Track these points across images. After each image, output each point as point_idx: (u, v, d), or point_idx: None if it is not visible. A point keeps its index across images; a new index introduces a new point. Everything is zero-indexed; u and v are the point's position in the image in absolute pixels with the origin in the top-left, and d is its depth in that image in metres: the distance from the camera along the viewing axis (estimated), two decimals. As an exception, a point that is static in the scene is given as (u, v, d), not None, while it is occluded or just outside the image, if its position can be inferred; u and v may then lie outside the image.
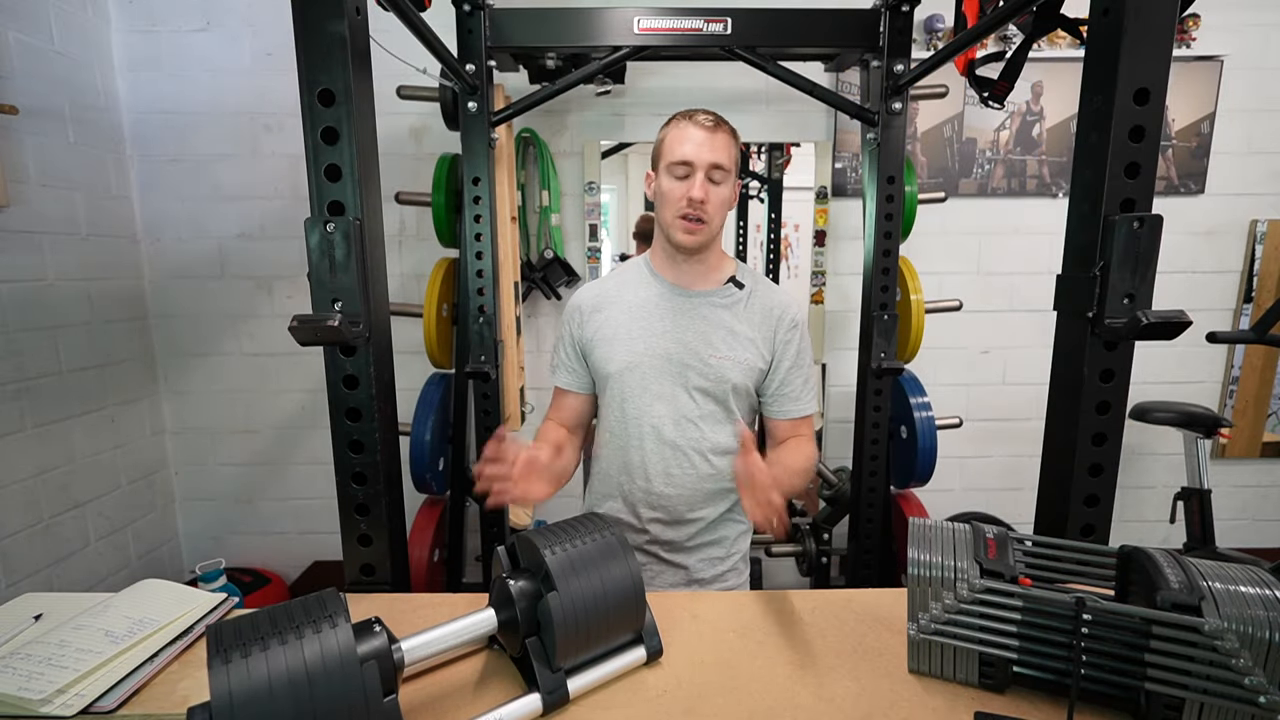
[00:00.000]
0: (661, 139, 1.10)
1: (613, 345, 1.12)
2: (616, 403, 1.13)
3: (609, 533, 0.77)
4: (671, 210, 1.07)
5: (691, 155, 1.04)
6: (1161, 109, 0.84)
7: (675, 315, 1.11)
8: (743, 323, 1.12)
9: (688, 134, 1.05)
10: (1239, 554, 2.00)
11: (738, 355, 1.10)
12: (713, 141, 1.05)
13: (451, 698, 0.72)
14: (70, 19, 1.99)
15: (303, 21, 0.87)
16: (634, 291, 1.15)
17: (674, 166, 1.05)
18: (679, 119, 1.08)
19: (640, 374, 1.10)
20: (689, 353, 1.09)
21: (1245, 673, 0.58)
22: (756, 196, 2.56)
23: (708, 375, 1.09)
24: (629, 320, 1.12)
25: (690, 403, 1.11)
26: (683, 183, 1.05)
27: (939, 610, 0.70)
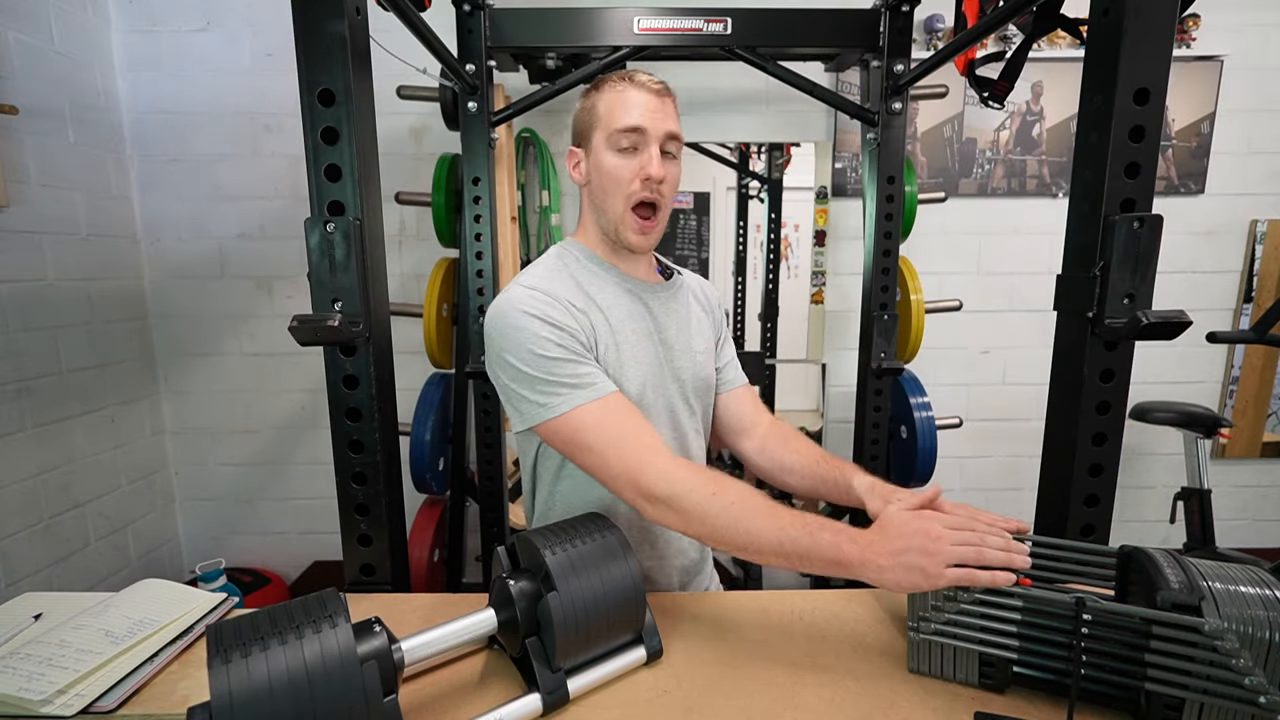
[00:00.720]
0: (592, 105, 0.88)
1: (620, 359, 0.88)
2: None
3: (609, 533, 0.77)
4: (621, 195, 0.86)
5: (644, 121, 0.84)
6: (1161, 109, 0.84)
7: (654, 314, 0.94)
8: (695, 309, 1.02)
9: (633, 97, 0.85)
10: (1239, 554, 2.00)
11: (707, 345, 1.01)
12: (664, 109, 0.86)
13: (451, 698, 0.72)
14: (70, 19, 1.99)
15: (303, 21, 0.87)
16: (599, 287, 0.91)
17: (619, 135, 0.85)
18: (615, 80, 0.87)
19: (652, 390, 0.91)
20: (679, 354, 0.95)
21: (1245, 673, 0.58)
22: (756, 196, 2.56)
23: (698, 375, 0.98)
24: (619, 325, 0.90)
25: (687, 413, 0.97)
26: (632, 157, 0.86)
27: (939, 610, 0.70)
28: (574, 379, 0.81)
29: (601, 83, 0.89)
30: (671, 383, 0.95)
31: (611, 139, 0.86)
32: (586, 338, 0.85)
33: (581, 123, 0.91)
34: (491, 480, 2.02)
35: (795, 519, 0.73)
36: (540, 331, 0.81)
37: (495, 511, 2.04)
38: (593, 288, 0.91)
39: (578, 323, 0.85)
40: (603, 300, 0.90)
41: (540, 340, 0.81)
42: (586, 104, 0.90)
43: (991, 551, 0.68)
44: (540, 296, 0.84)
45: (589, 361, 0.84)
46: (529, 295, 0.84)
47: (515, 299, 0.84)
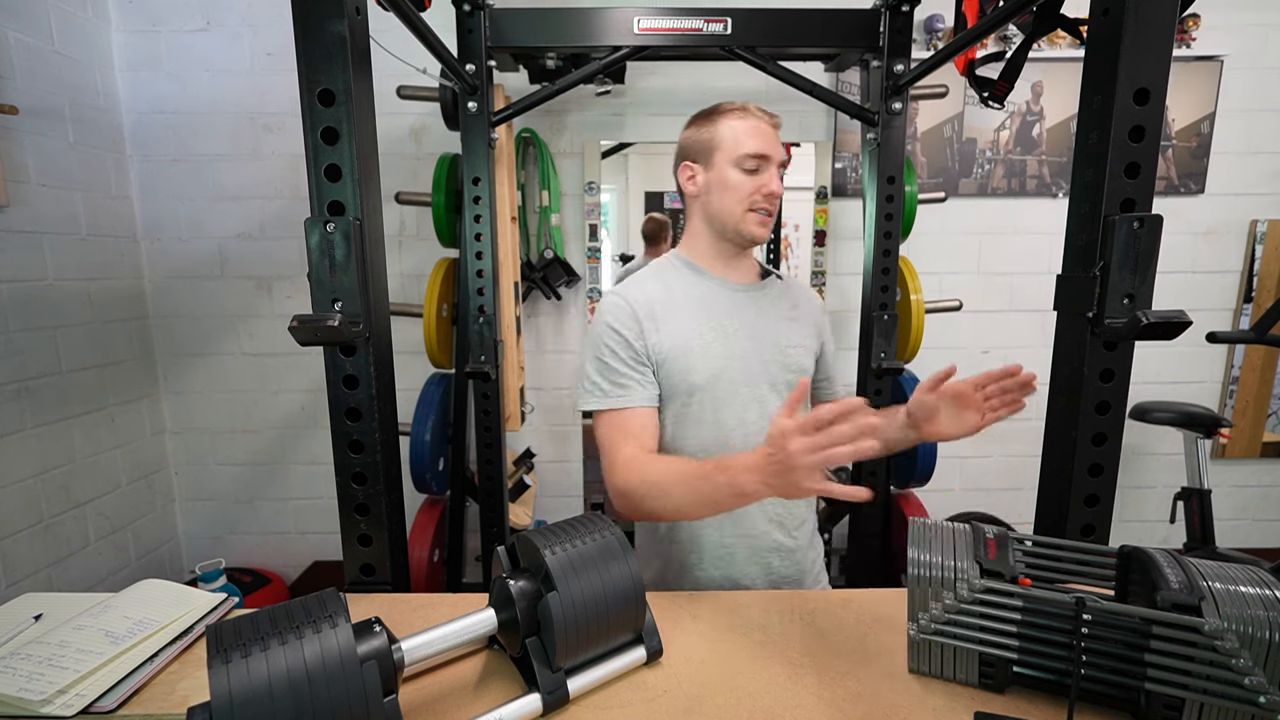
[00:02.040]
0: (714, 131, 1.02)
1: (690, 352, 1.00)
2: (708, 415, 1.02)
3: (609, 533, 0.77)
4: (741, 203, 1.01)
5: (767, 149, 1.00)
6: (1161, 109, 0.84)
7: (741, 311, 1.05)
8: (796, 311, 1.11)
9: (758, 127, 1.01)
10: (1239, 554, 2.00)
11: (805, 342, 1.09)
12: (778, 137, 1.03)
13: (451, 698, 0.72)
14: (70, 19, 1.99)
15: (303, 21, 0.87)
16: (685, 291, 1.05)
17: (746, 159, 1.00)
18: (737, 111, 1.02)
19: (729, 380, 1.02)
20: (768, 348, 1.04)
21: (1245, 673, 0.58)
22: (756, 196, 2.56)
23: (790, 368, 1.05)
24: (696, 323, 1.02)
25: (779, 401, 1.04)
26: (755, 176, 1.01)
27: (939, 610, 0.70)
28: (613, 385, 0.99)
29: (721, 112, 1.03)
30: (759, 373, 1.03)
31: (738, 160, 1.00)
32: (646, 343, 1.00)
33: (699, 143, 1.04)
34: (491, 480, 2.02)
35: (699, 474, 0.85)
36: (606, 339, 1.00)
37: (495, 511, 2.04)
38: (679, 290, 1.05)
39: (642, 328, 1.00)
40: (684, 301, 1.04)
41: (604, 347, 1.00)
42: (705, 131, 1.03)
43: (840, 450, 0.71)
44: (621, 305, 1.02)
45: (636, 370, 1.00)
46: (614, 302, 1.03)
47: (605, 306, 1.04)
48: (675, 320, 1.02)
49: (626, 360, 1.00)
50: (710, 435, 1.02)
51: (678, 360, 1.00)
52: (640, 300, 1.02)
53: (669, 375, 1.01)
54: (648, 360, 1.01)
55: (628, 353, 1.00)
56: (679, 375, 1.00)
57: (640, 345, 1.00)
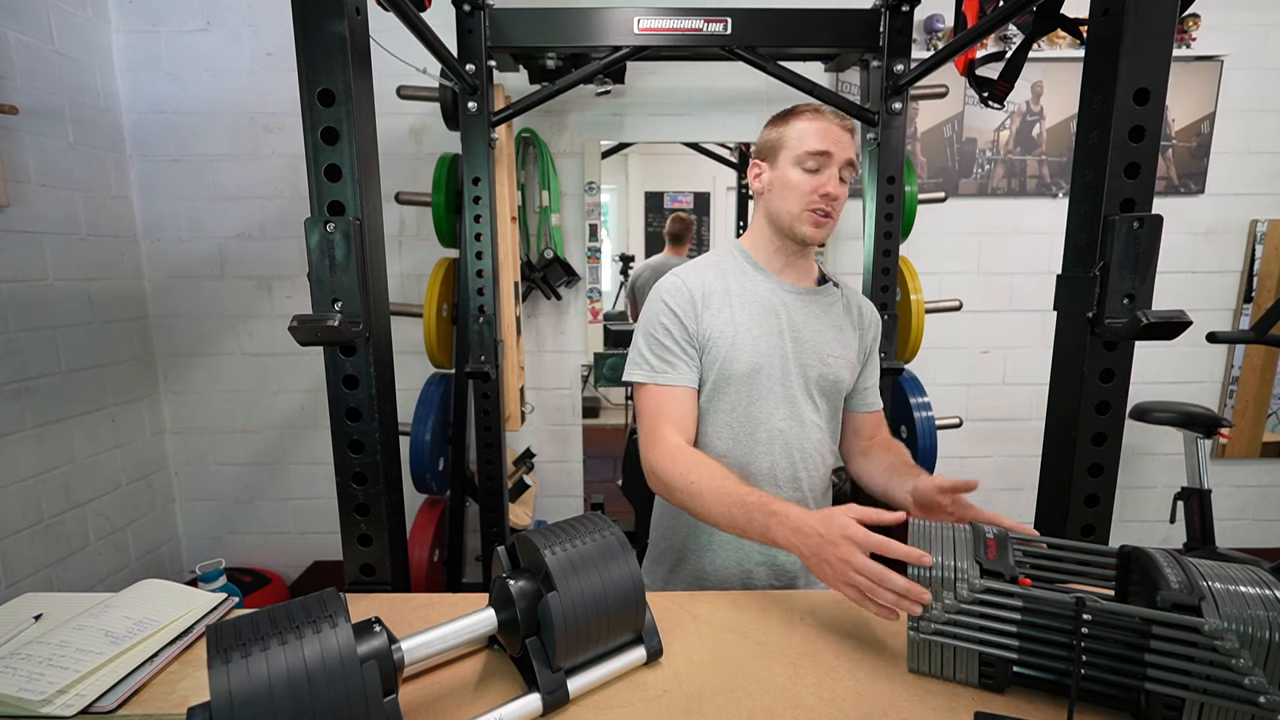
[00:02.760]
0: (783, 130, 1.03)
1: (735, 343, 1.02)
2: (741, 407, 1.04)
3: (609, 533, 0.77)
4: (799, 202, 1.01)
5: (830, 147, 0.99)
6: (1161, 109, 0.84)
7: (790, 313, 1.06)
8: (844, 322, 1.11)
9: (825, 127, 1.00)
10: (1239, 554, 2.00)
11: (847, 355, 1.09)
12: (847, 141, 1.01)
13: (451, 698, 0.72)
14: (70, 19, 1.99)
15: (303, 21, 0.87)
16: (741, 284, 1.07)
17: (808, 157, 0.99)
18: (809, 112, 1.02)
19: (766, 376, 1.03)
20: (809, 353, 1.05)
21: (1245, 673, 0.58)
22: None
23: (826, 376, 1.06)
24: (746, 316, 1.04)
25: (810, 405, 1.07)
26: (815, 175, 1.00)
27: (939, 610, 0.70)
28: (660, 361, 1.03)
29: (797, 113, 1.02)
30: (796, 375, 1.05)
31: (799, 159, 1.00)
32: (699, 326, 1.03)
33: (769, 142, 1.05)
34: (491, 480, 2.02)
35: (740, 502, 0.87)
36: (661, 317, 1.04)
37: (495, 511, 2.04)
38: (734, 282, 1.07)
39: (697, 312, 1.03)
40: (738, 293, 1.06)
41: (658, 324, 1.04)
42: (777, 130, 1.04)
43: (883, 593, 0.72)
44: (680, 286, 1.05)
45: (684, 351, 1.03)
46: (674, 283, 1.06)
47: (665, 285, 1.06)
48: (727, 310, 1.04)
49: (677, 338, 1.03)
50: (740, 426, 1.04)
51: (722, 348, 1.02)
52: (697, 285, 1.05)
53: (712, 361, 1.03)
54: (695, 343, 1.04)
55: (680, 332, 1.03)
56: (721, 362, 1.02)
57: (692, 327, 1.03)
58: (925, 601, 0.70)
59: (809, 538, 0.79)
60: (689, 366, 1.03)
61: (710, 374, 1.04)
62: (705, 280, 1.06)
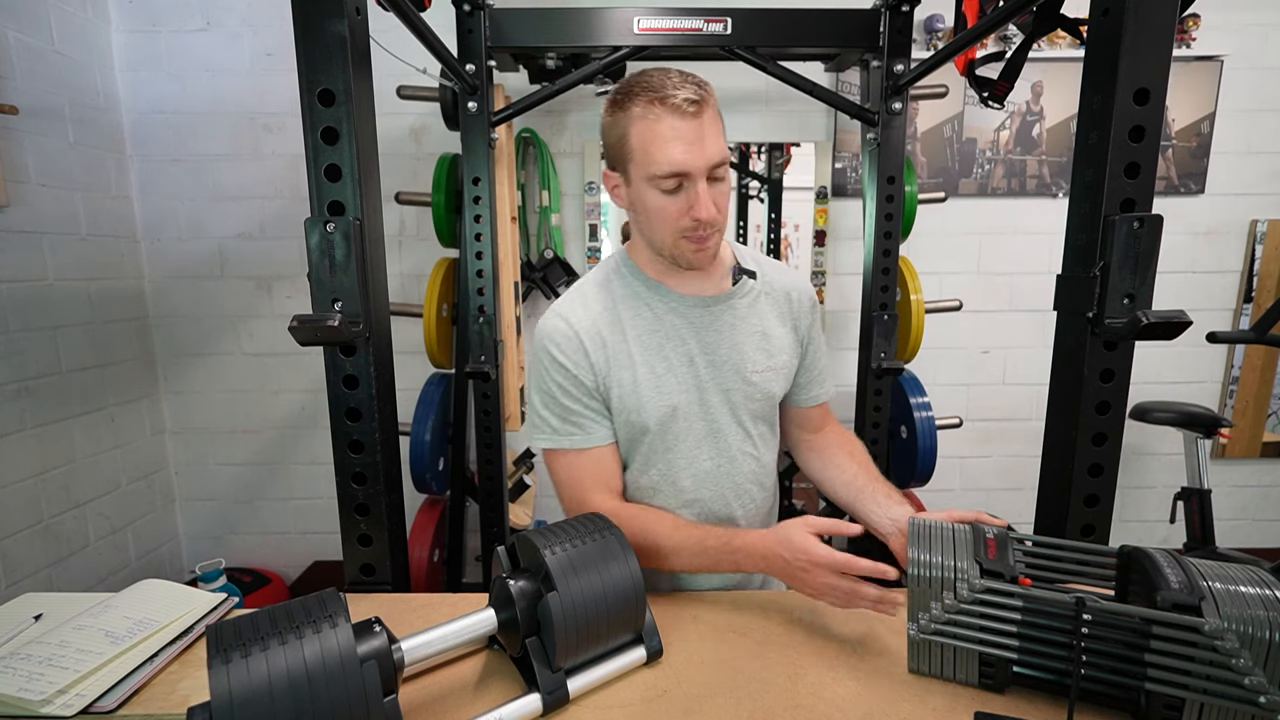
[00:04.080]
0: (623, 133, 0.81)
1: (638, 392, 0.88)
2: (657, 456, 0.92)
3: (609, 533, 0.77)
4: (669, 231, 0.83)
5: (685, 162, 0.78)
6: (1161, 109, 0.84)
7: (698, 333, 0.91)
8: (770, 320, 0.95)
9: (668, 129, 0.77)
10: (1239, 554, 2.00)
11: (777, 363, 0.94)
12: (703, 132, 0.78)
13: (451, 698, 0.72)
14: (70, 19, 1.99)
15: (303, 21, 0.87)
16: (633, 309, 0.91)
17: (661, 180, 0.80)
18: (647, 102, 0.78)
19: (683, 418, 0.90)
20: (728, 375, 0.91)
21: (1245, 673, 0.58)
22: (756, 196, 2.56)
23: (753, 396, 0.93)
24: (645, 353, 0.89)
25: (739, 434, 0.94)
26: (679, 196, 0.81)
27: (939, 610, 0.70)
28: (564, 422, 0.90)
29: (630, 99, 0.80)
30: (718, 405, 0.92)
31: (653, 181, 0.81)
32: (597, 377, 0.89)
33: (613, 147, 0.84)
34: (491, 480, 2.02)
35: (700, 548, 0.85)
36: (552, 373, 0.90)
37: (495, 511, 2.04)
38: (628, 313, 0.91)
39: (591, 361, 0.89)
40: (634, 329, 0.90)
41: (551, 382, 0.90)
42: (616, 128, 0.82)
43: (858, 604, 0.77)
44: (564, 332, 0.89)
45: (587, 406, 0.90)
46: (557, 327, 0.90)
47: (548, 330, 0.90)
48: (623, 351, 0.89)
49: (575, 394, 0.89)
50: (660, 477, 0.93)
51: (626, 398, 0.89)
52: (587, 326, 0.89)
53: (616, 414, 0.91)
54: (599, 395, 0.90)
55: (576, 387, 0.89)
56: (627, 415, 0.90)
57: (589, 378, 0.89)
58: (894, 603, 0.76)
59: (775, 563, 0.81)
60: (597, 421, 0.90)
61: (618, 428, 0.91)
62: (593, 314, 0.90)
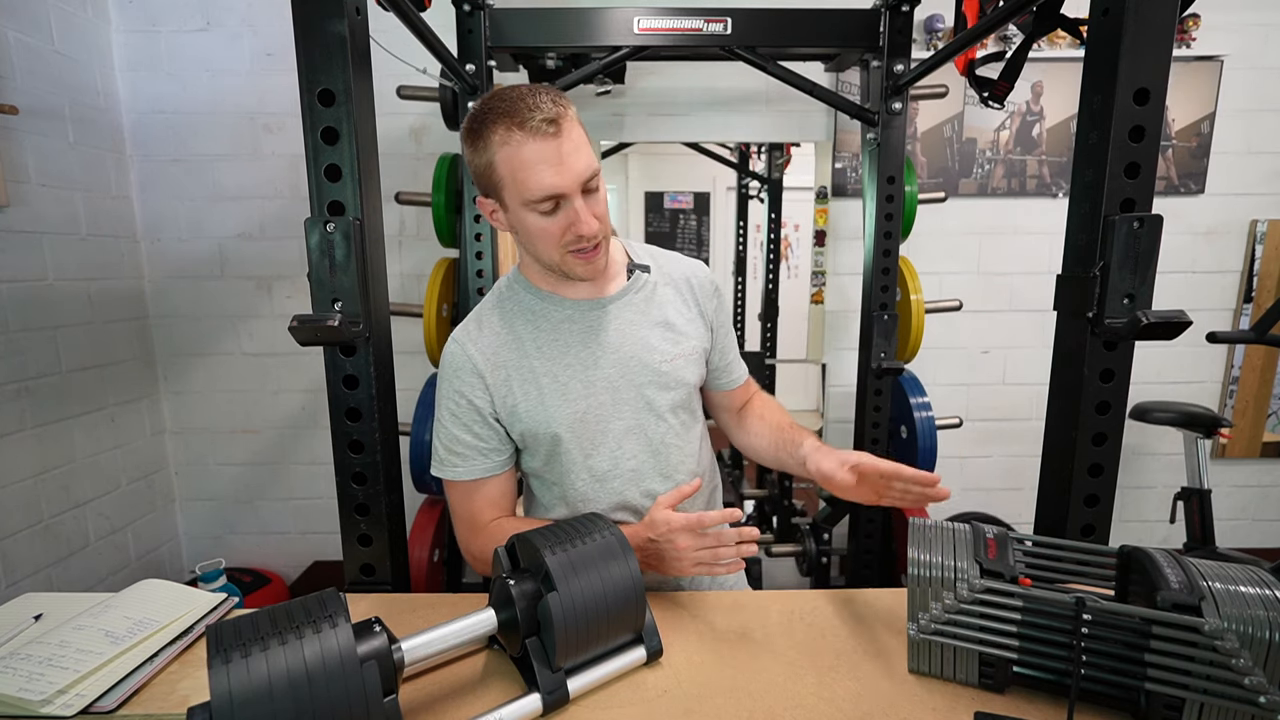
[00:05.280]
0: (488, 164, 0.80)
1: (544, 403, 0.89)
2: (578, 462, 0.91)
3: (609, 533, 0.77)
4: (554, 249, 0.84)
5: (557, 185, 0.78)
6: (1161, 109, 0.84)
7: (598, 334, 0.91)
8: (672, 308, 0.96)
9: (532, 153, 0.77)
10: (1239, 554, 2.00)
11: (685, 348, 0.95)
12: (567, 148, 0.78)
13: (451, 698, 0.72)
14: (70, 19, 1.99)
15: (303, 21, 0.87)
16: (531, 324, 0.91)
17: (535, 205, 0.80)
18: (505, 128, 0.77)
19: (596, 419, 0.91)
20: (637, 369, 0.92)
21: (1245, 673, 0.58)
22: (756, 196, 2.56)
23: (668, 386, 0.93)
24: (546, 364, 0.90)
25: (659, 425, 0.93)
26: (557, 216, 0.81)
27: (939, 610, 0.70)
28: (450, 454, 0.91)
29: (486, 126, 0.79)
30: (631, 400, 0.92)
31: (528, 205, 0.81)
32: (494, 399, 0.90)
33: (481, 175, 0.83)
34: (491, 480, 2.02)
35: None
36: (447, 402, 0.91)
37: (495, 511, 2.04)
38: (526, 329, 0.92)
39: (487, 383, 0.90)
40: (533, 342, 0.91)
41: (445, 412, 0.92)
42: (479, 156, 0.81)
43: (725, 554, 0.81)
44: (459, 357, 0.90)
45: (478, 437, 0.91)
46: (452, 353, 0.91)
47: (444, 357, 0.92)
48: (523, 366, 0.90)
49: (468, 425, 0.90)
50: (585, 483, 0.93)
51: (533, 411, 0.89)
52: (482, 348, 0.90)
53: (527, 428, 0.90)
54: (498, 420, 0.90)
55: (471, 416, 0.89)
56: (538, 426, 0.89)
57: (485, 403, 0.89)
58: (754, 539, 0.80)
59: (647, 551, 0.83)
60: (486, 454, 0.90)
61: (533, 441, 0.91)
62: (490, 335, 0.91)
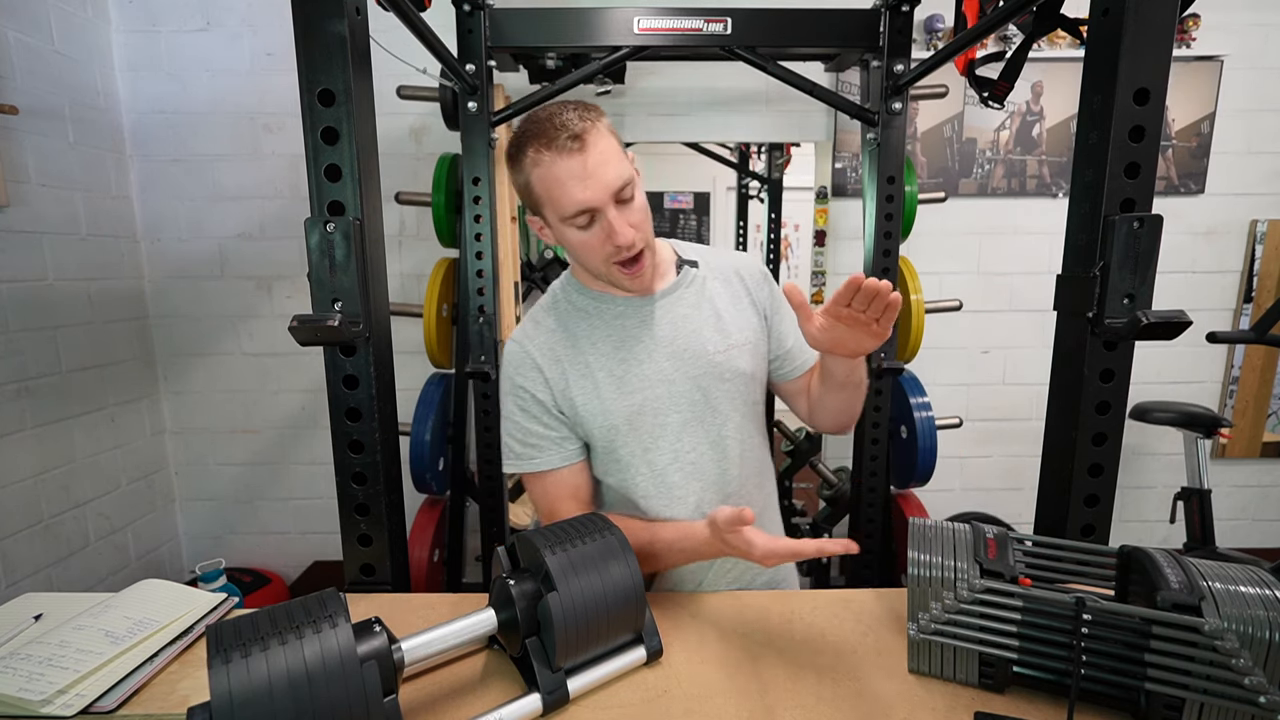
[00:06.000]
0: (525, 184, 0.84)
1: (601, 396, 0.90)
2: (637, 457, 0.92)
3: (609, 533, 0.77)
4: (598, 261, 0.86)
5: (586, 199, 0.80)
6: (1161, 109, 0.84)
7: (652, 328, 0.93)
8: (722, 300, 0.96)
9: (562, 170, 0.80)
10: (1239, 554, 2.00)
11: (738, 339, 0.95)
12: (593, 161, 0.79)
13: (451, 698, 0.72)
14: (70, 19, 1.99)
15: (303, 21, 0.87)
16: (586, 324, 0.93)
17: (571, 220, 0.83)
18: (535, 150, 0.80)
19: (653, 412, 0.91)
20: (692, 361, 0.92)
21: (1245, 673, 0.58)
22: (756, 196, 2.56)
23: (724, 377, 0.93)
24: (602, 359, 0.91)
25: (717, 417, 0.94)
26: (595, 229, 0.83)
27: (939, 610, 0.70)
28: (526, 447, 0.94)
29: (520, 150, 0.83)
30: (689, 393, 0.92)
31: (566, 220, 0.83)
32: (554, 393, 0.93)
33: (524, 196, 0.87)
34: (491, 480, 2.02)
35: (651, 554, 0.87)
36: (513, 398, 0.94)
37: (495, 511, 2.04)
38: (581, 326, 0.94)
39: (546, 377, 0.92)
40: (588, 339, 0.93)
41: (513, 407, 0.95)
42: (519, 179, 0.85)
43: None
44: (521, 356, 0.94)
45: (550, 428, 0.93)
46: (513, 351, 0.95)
47: (505, 357, 0.96)
48: (579, 359, 0.92)
49: (537, 415, 0.92)
50: (645, 478, 0.93)
51: (590, 404, 0.91)
52: (541, 345, 0.93)
53: (585, 423, 0.91)
54: (561, 412, 0.92)
55: (537, 408, 0.92)
56: (595, 419, 0.91)
57: (548, 398, 0.92)
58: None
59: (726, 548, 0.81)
60: (559, 444, 0.92)
61: (591, 435, 0.92)
62: (547, 333, 0.94)
